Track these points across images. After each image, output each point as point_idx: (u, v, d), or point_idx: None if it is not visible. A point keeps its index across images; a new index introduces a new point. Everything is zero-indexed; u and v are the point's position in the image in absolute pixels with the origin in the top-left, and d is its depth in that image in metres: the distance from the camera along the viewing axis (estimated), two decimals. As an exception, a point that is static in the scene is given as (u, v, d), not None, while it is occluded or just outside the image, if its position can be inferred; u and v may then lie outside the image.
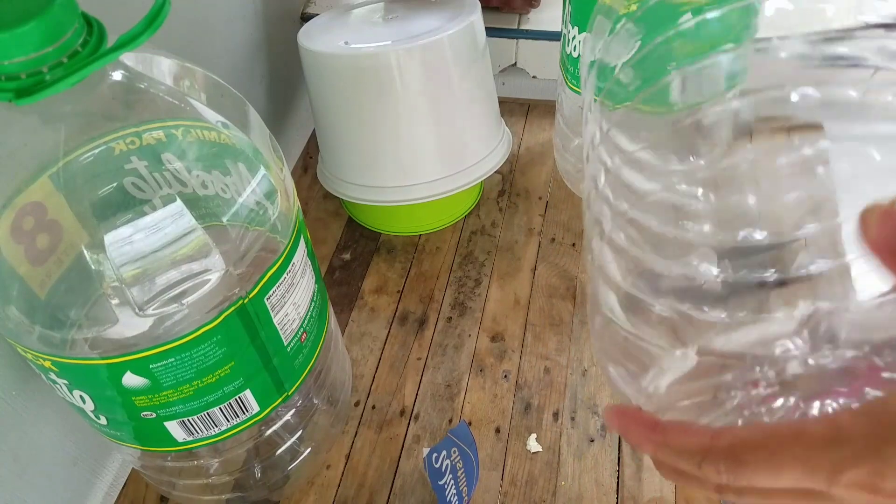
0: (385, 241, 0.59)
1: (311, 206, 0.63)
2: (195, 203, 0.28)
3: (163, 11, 0.25)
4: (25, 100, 0.23)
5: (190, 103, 0.30)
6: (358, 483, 0.44)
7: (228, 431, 0.35)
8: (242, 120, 0.32)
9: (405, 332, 0.52)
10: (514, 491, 0.43)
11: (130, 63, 0.28)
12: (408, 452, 0.45)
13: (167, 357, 0.29)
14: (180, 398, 0.31)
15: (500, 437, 0.46)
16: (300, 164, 0.68)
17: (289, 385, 0.36)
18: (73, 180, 0.26)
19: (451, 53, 0.50)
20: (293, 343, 0.35)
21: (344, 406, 0.46)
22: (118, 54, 0.24)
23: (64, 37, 0.24)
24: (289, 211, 0.33)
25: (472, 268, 0.57)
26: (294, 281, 0.33)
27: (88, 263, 0.26)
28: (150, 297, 0.28)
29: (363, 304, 0.55)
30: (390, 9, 0.56)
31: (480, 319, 0.53)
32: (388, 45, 0.49)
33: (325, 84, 0.52)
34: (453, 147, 0.54)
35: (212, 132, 0.30)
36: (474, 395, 0.48)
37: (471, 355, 0.51)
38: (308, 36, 0.53)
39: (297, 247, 0.33)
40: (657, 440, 0.22)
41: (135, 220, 0.26)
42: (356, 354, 0.51)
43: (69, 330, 0.28)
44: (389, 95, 0.50)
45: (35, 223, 0.26)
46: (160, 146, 0.27)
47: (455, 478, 0.41)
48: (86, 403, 0.32)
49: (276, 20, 0.62)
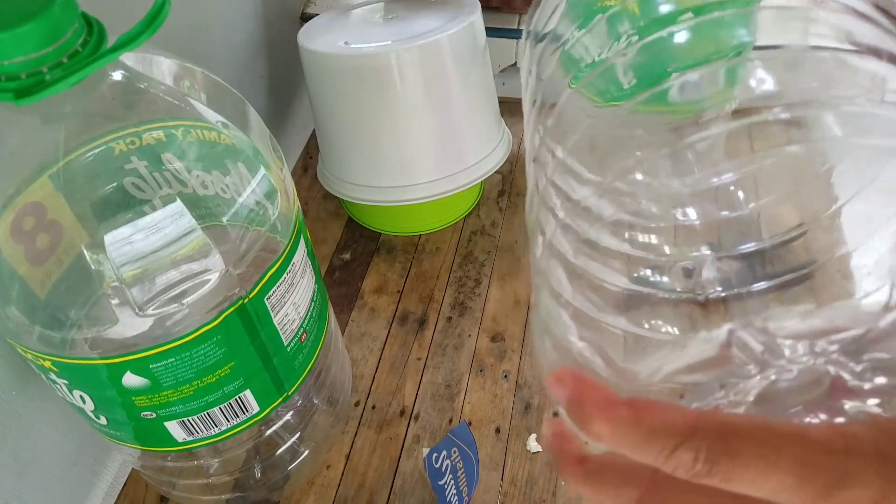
0: (385, 241, 0.59)
1: (311, 206, 0.63)
2: (195, 203, 0.28)
3: (163, 11, 0.25)
4: (25, 100, 0.23)
5: (190, 103, 0.30)
6: (358, 483, 0.44)
7: (228, 431, 0.35)
8: (242, 120, 0.32)
9: (405, 332, 0.52)
10: (514, 491, 0.43)
11: (130, 63, 0.28)
12: (408, 452, 0.45)
13: (167, 357, 0.29)
14: (180, 398, 0.31)
15: (500, 437, 0.46)
16: (300, 164, 0.68)
17: (289, 385, 0.36)
18: (73, 180, 0.26)
19: (451, 53, 0.50)
20: (293, 343, 0.35)
21: (344, 406, 0.46)
22: (118, 54, 0.24)
23: (64, 37, 0.24)
24: (289, 211, 0.33)
25: (472, 268, 0.57)
26: (294, 281, 0.33)
27: (88, 263, 0.26)
28: (150, 297, 0.28)
29: (363, 304, 0.55)
30: (390, 9, 0.56)
31: (480, 319, 0.53)
32: (388, 45, 0.49)
33: (325, 84, 0.52)
34: (453, 147, 0.54)
35: (212, 132, 0.30)
36: (474, 395, 0.48)
37: (471, 355, 0.51)
38: (308, 36, 0.53)
39: (297, 247, 0.33)
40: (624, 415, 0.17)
41: (135, 220, 0.26)
42: (356, 354, 0.51)
43: (69, 330, 0.28)
44: (389, 95, 0.50)
45: (35, 223, 0.26)
46: (160, 146, 0.27)
47: (455, 478, 0.41)
48: (86, 403, 0.32)
49: (276, 20, 0.62)
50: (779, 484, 0.16)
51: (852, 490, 0.15)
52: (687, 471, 0.16)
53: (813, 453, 0.16)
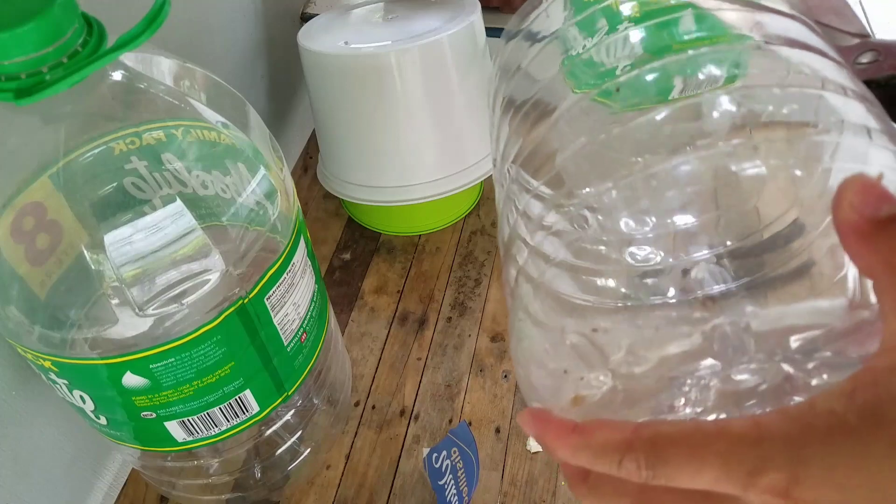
0: (385, 241, 0.59)
1: (311, 206, 0.63)
2: (195, 203, 0.28)
3: (163, 11, 0.25)
4: (25, 100, 0.23)
5: (190, 103, 0.30)
6: (358, 483, 0.44)
7: (228, 431, 0.35)
8: (242, 120, 0.32)
9: (405, 332, 0.52)
10: (514, 491, 0.43)
11: (130, 63, 0.28)
12: (408, 452, 0.45)
13: (167, 357, 0.29)
14: (180, 398, 0.31)
15: (500, 437, 0.46)
16: (300, 164, 0.68)
17: (289, 385, 0.36)
18: (73, 180, 0.26)
19: (451, 53, 0.50)
20: (293, 343, 0.35)
21: (344, 406, 0.46)
22: (118, 54, 0.24)
23: (64, 37, 0.24)
24: (289, 211, 0.33)
25: (472, 268, 0.57)
26: (294, 281, 0.33)
27: (88, 263, 0.26)
28: (150, 297, 0.28)
29: (363, 304, 0.55)
30: (390, 9, 0.56)
31: (480, 319, 0.53)
32: (388, 45, 0.49)
33: (325, 84, 0.52)
34: (453, 147, 0.54)
35: (212, 132, 0.30)
36: (474, 395, 0.48)
37: (471, 355, 0.51)
38: (308, 36, 0.53)
39: (297, 247, 0.33)
40: (575, 442, 0.20)
41: (135, 220, 0.26)
42: (356, 354, 0.51)
43: (69, 330, 0.28)
44: (389, 95, 0.50)
45: (35, 223, 0.26)
46: (160, 146, 0.27)
47: (455, 478, 0.41)
48: (86, 403, 0.32)
49: (276, 20, 0.62)
50: (710, 475, 0.17)
51: (768, 475, 0.17)
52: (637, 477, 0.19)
53: (732, 445, 0.17)
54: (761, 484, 0.17)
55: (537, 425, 0.22)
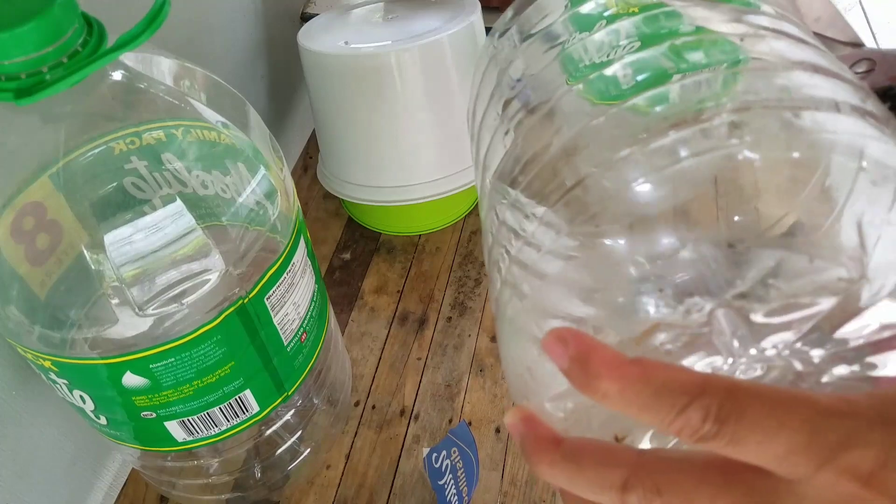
0: (385, 241, 0.59)
1: (311, 206, 0.63)
2: (195, 203, 0.28)
3: (163, 11, 0.25)
4: (25, 100, 0.23)
5: (190, 103, 0.30)
6: (358, 483, 0.44)
7: (228, 431, 0.35)
8: (242, 120, 0.32)
9: (405, 332, 0.52)
10: (514, 491, 0.43)
11: (130, 63, 0.28)
12: (408, 452, 0.45)
13: (167, 357, 0.29)
14: (180, 398, 0.31)
15: (500, 437, 0.46)
16: (300, 164, 0.68)
17: (289, 385, 0.36)
18: (73, 180, 0.26)
19: (451, 53, 0.50)
20: (293, 343, 0.35)
21: (344, 406, 0.46)
22: (118, 54, 0.24)
23: (64, 37, 0.24)
24: (289, 211, 0.33)
25: (472, 268, 0.57)
26: (294, 281, 0.33)
27: (88, 263, 0.26)
28: (150, 297, 0.28)
29: (363, 304, 0.55)
30: (390, 9, 0.56)
31: (480, 319, 0.53)
32: (388, 45, 0.49)
33: (325, 84, 0.52)
34: (453, 147, 0.54)
35: (212, 132, 0.30)
36: (474, 395, 0.48)
37: (471, 355, 0.51)
38: (308, 36, 0.53)
39: (297, 247, 0.33)
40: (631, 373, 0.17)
41: (135, 220, 0.26)
42: (356, 354, 0.51)
43: (69, 330, 0.28)
44: (389, 95, 0.50)
45: (35, 223, 0.26)
46: (160, 146, 0.27)
47: (455, 478, 0.41)
48: (86, 403, 0.32)
49: (276, 20, 0.62)
50: (787, 444, 0.15)
51: (856, 451, 0.15)
52: (694, 432, 0.16)
53: (820, 415, 0.16)
54: (844, 461, 0.15)
55: (578, 343, 0.18)
